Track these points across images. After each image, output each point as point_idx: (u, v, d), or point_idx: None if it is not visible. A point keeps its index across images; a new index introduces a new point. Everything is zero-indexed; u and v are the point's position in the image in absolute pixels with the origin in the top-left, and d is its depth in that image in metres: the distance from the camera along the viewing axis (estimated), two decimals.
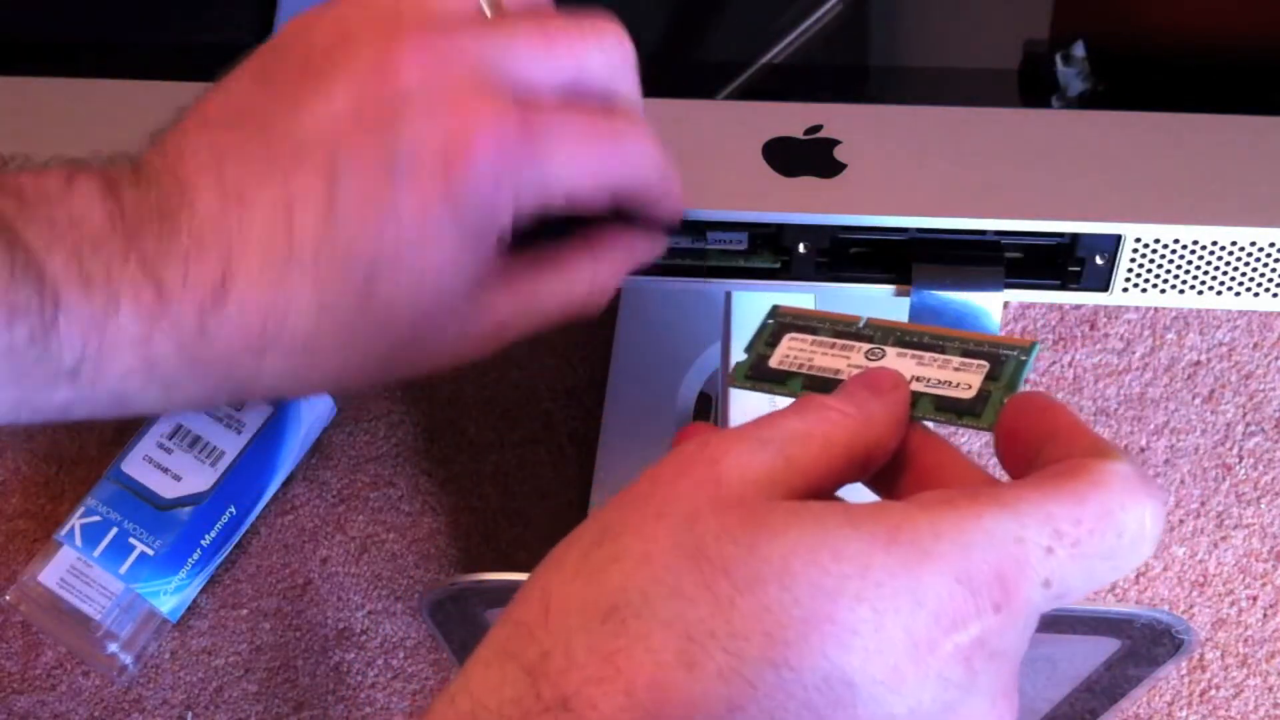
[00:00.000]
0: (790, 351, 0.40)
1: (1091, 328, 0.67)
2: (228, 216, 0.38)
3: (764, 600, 0.28)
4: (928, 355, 0.38)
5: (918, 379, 0.37)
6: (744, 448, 0.32)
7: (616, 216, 0.42)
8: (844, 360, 0.39)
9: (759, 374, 0.40)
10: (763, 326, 0.41)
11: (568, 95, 0.40)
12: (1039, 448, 0.32)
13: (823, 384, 0.38)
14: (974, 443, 0.65)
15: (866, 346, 0.39)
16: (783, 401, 0.35)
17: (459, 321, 0.40)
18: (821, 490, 0.32)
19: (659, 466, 0.32)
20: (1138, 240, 0.47)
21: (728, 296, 0.53)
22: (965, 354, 0.38)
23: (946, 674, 0.29)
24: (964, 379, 0.37)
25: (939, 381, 0.37)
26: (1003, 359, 0.37)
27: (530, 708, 0.29)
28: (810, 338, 0.40)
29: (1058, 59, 0.54)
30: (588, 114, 0.40)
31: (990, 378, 0.37)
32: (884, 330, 0.40)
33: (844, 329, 0.40)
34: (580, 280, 0.43)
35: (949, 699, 0.29)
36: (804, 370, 0.39)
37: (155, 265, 0.37)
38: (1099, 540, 0.30)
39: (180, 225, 0.37)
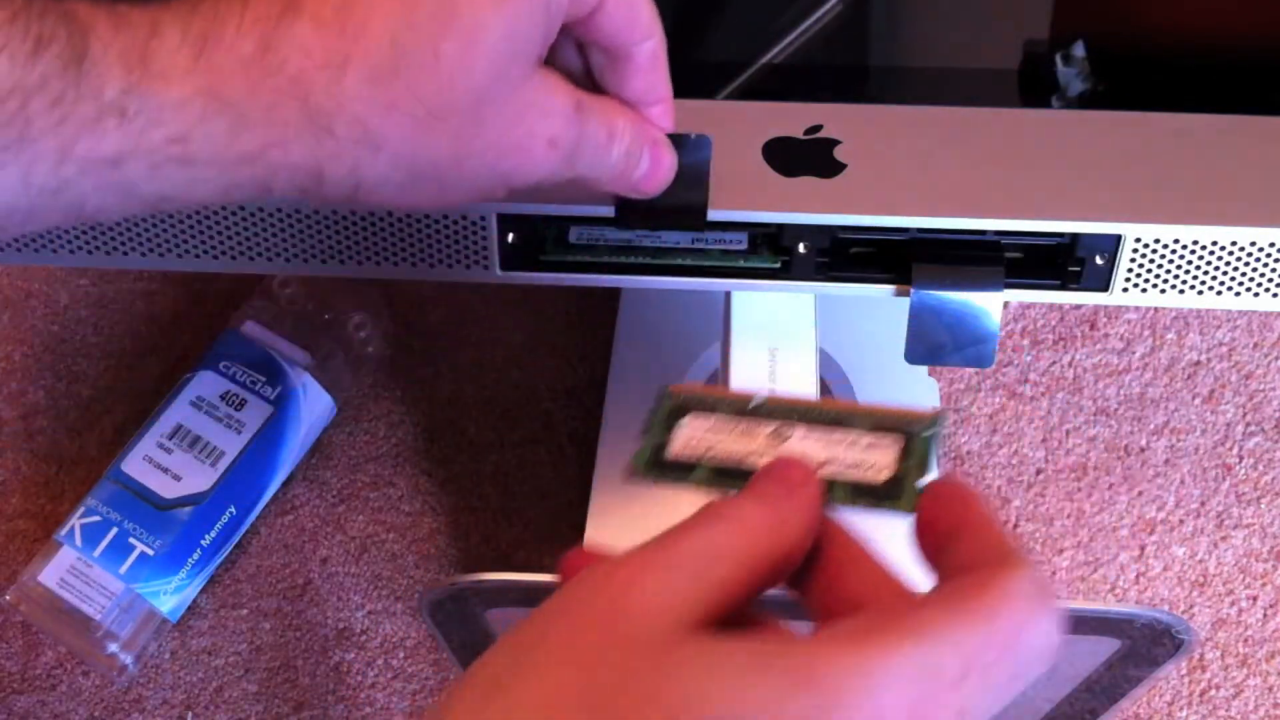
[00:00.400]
0: (691, 437, 0.38)
1: (1091, 328, 0.67)
2: None
3: None
4: (836, 433, 0.37)
5: (829, 461, 0.35)
6: (652, 576, 0.30)
7: None
8: (749, 444, 0.37)
9: (660, 466, 0.37)
10: (657, 408, 0.39)
11: None
12: (949, 540, 0.32)
13: (729, 474, 0.36)
14: (974, 442, 0.65)
15: (771, 427, 0.37)
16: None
17: (540, 78, 0.40)
18: (738, 604, 0.31)
19: (557, 600, 0.30)
20: (1138, 240, 0.47)
21: (728, 296, 0.53)
22: (875, 429, 0.36)
23: None
24: (876, 459, 0.36)
25: (852, 463, 0.36)
26: (913, 436, 0.36)
27: None
28: (710, 420, 0.38)
29: (1058, 59, 0.54)
30: None
31: (904, 456, 0.36)
32: (785, 408, 0.38)
33: (744, 408, 0.38)
34: (617, 110, 0.43)
35: None
36: (707, 459, 0.37)
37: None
38: (1008, 664, 0.29)
39: None
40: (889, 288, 0.49)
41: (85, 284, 0.71)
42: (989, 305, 0.48)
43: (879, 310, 0.42)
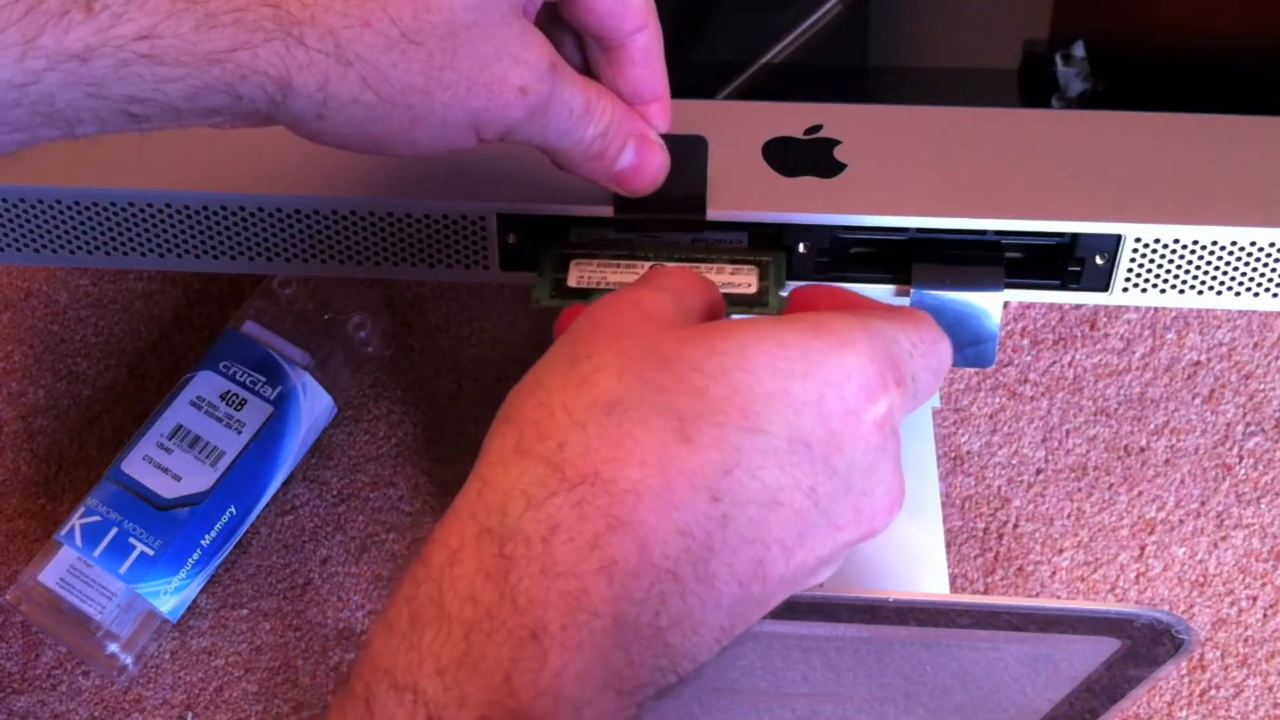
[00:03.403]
0: (583, 274, 0.48)
1: (1091, 328, 0.67)
2: None
3: (733, 385, 0.35)
4: (703, 266, 0.47)
5: None
6: (652, 295, 0.38)
7: None
8: (634, 275, 0.47)
9: (562, 292, 0.47)
10: (544, 259, 0.48)
11: None
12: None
13: None
14: (974, 442, 0.65)
15: (649, 263, 0.47)
16: None
17: (520, 25, 0.40)
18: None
19: (590, 313, 0.38)
20: (1138, 240, 0.47)
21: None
22: (733, 263, 0.48)
23: (869, 438, 0.36)
24: (741, 280, 0.47)
25: (722, 285, 0.46)
26: (765, 264, 0.47)
27: (557, 486, 0.34)
28: (595, 262, 0.48)
29: (1058, 59, 0.54)
30: None
31: (762, 278, 0.47)
32: (657, 249, 0.48)
33: (624, 254, 0.48)
34: (597, 91, 0.43)
35: (871, 460, 0.36)
36: (602, 286, 0.47)
37: None
38: (932, 355, 0.39)
39: None
40: (889, 287, 0.49)
41: (85, 284, 0.71)
42: (989, 305, 0.48)
43: None
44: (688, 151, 0.46)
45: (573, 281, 0.47)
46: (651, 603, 0.34)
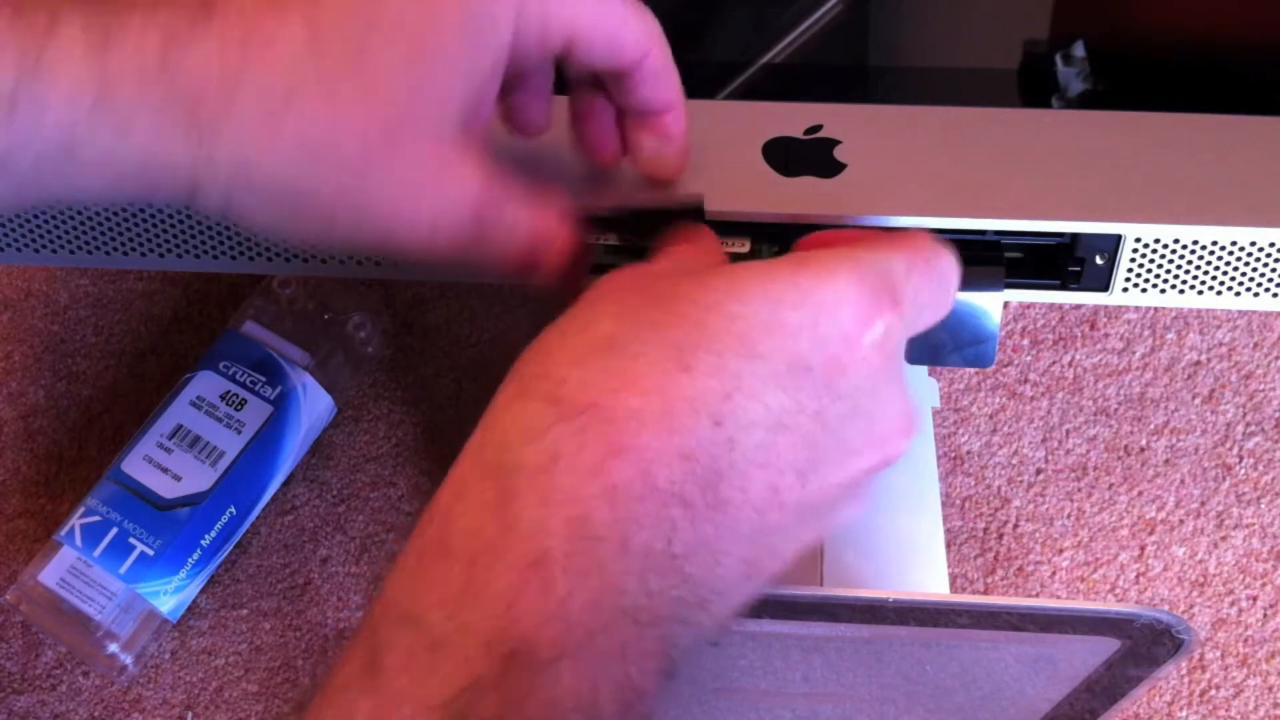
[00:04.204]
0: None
1: (1091, 328, 0.67)
2: None
3: (728, 314, 0.35)
4: None
5: None
6: (653, 261, 0.40)
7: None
8: None
9: None
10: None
11: None
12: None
13: None
14: (974, 442, 0.65)
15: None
16: None
17: (440, 157, 0.39)
18: None
19: (595, 282, 0.39)
20: (1138, 240, 0.47)
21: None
22: (724, 235, 0.48)
23: (870, 361, 0.36)
24: (734, 244, 0.48)
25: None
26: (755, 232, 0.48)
27: (556, 419, 0.34)
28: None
29: (1058, 59, 0.54)
30: None
31: (754, 244, 0.48)
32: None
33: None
34: (552, 215, 0.43)
35: (874, 383, 0.37)
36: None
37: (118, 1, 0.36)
38: (932, 269, 0.39)
39: None
40: None
41: (85, 284, 0.71)
42: (989, 305, 0.48)
43: None
44: (690, 216, 0.46)
45: None
46: (661, 528, 0.34)
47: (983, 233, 0.48)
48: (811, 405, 0.36)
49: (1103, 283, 0.49)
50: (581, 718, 0.32)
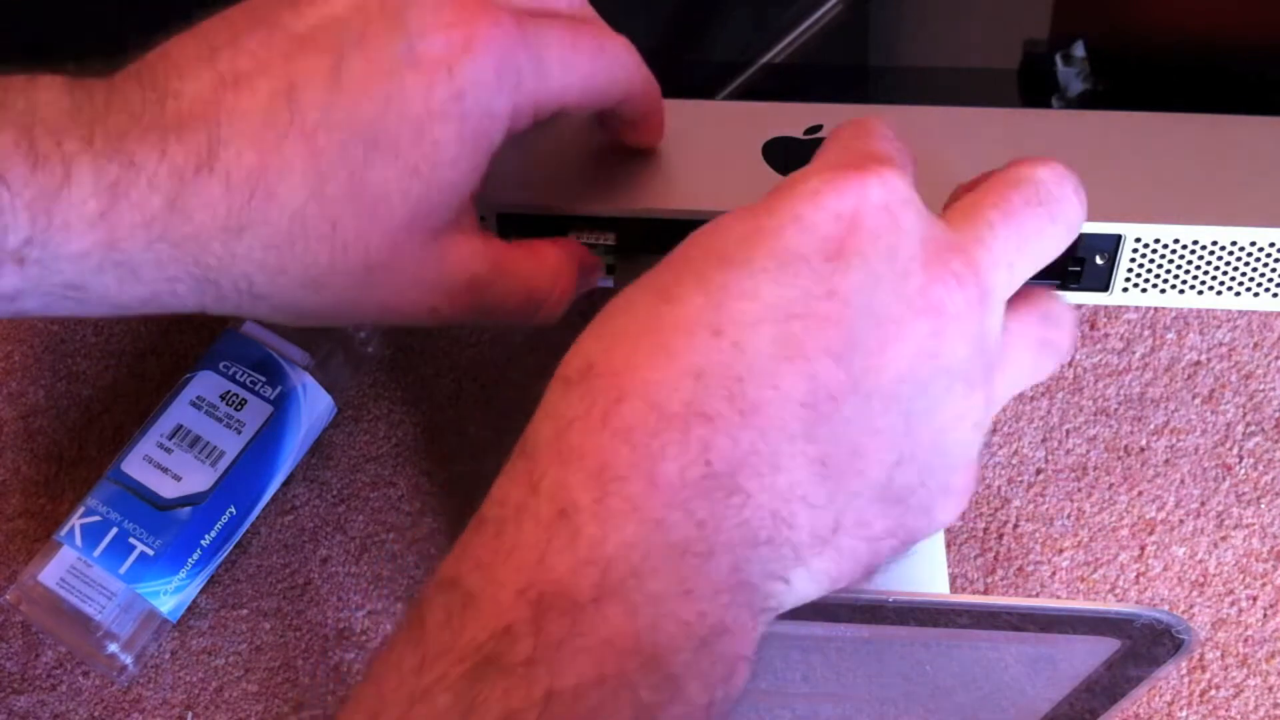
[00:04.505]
0: None
1: (1091, 328, 0.67)
2: (222, 97, 0.37)
3: (706, 244, 0.36)
4: None
5: None
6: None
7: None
8: None
9: None
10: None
11: (539, 11, 0.42)
12: None
13: None
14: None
15: None
16: None
17: (438, 251, 0.41)
18: None
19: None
20: (1138, 240, 0.47)
21: None
22: None
23: (873, 226, 0.35)
24: None
25: None
26: None
27: (564, 390, 0.35)
28: None
29: (1058, 59, 0.54)
30: (571, 22, 0.42)
31: None
32: None
33: None
34: (545, 267, 0.44)
35: (889, 244, 0.36)
36: None
37: (126, 142, 0.36)
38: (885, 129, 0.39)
39: (164, 108, 0.37)
40: None
41: None
42: None
43: None
44: None
45: None
46: (691, 452, 0.33)
47: None
48: (819, 289, 0.34)
49: (1103, 283, 0.49)
50: (639, 659, 0.31)
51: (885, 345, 0.35)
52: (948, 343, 0.36)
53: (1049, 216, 0.39)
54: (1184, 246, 0.47)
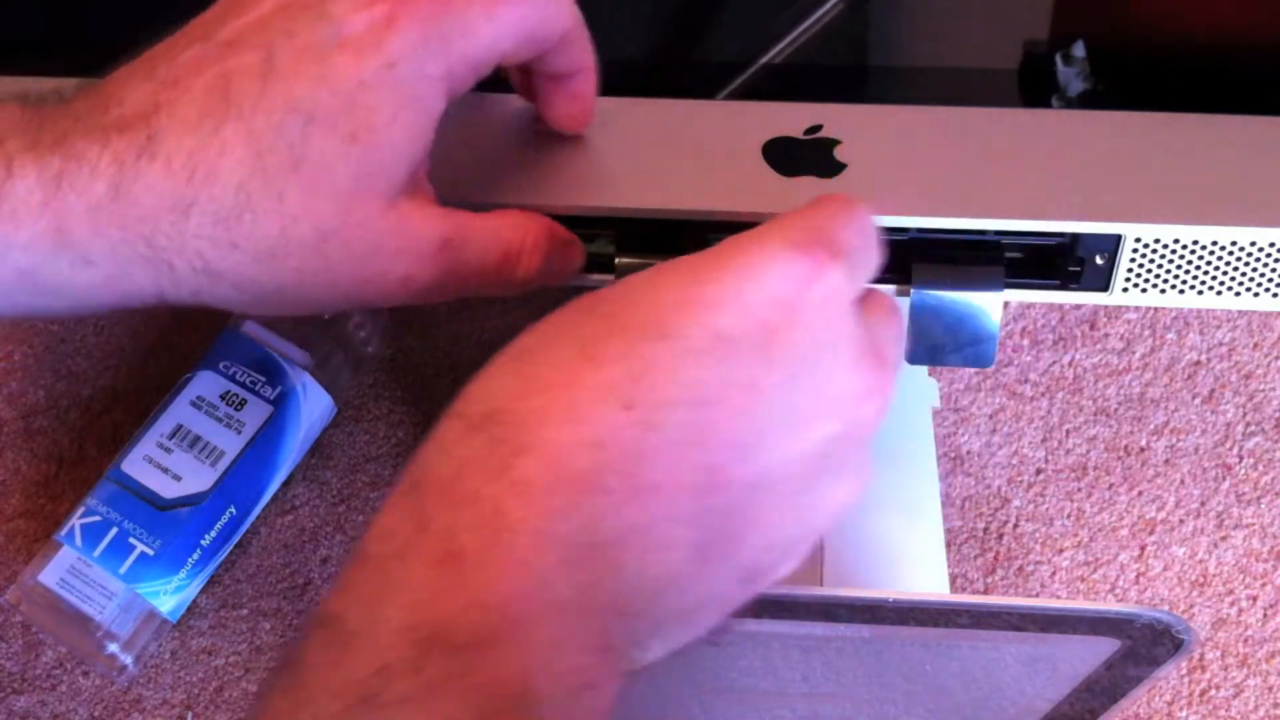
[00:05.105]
0: None
1: (1091, 328, 0.67)
2: (159, 97, 0.39)
3: (639, 302, 0.35)
4: None
5: None
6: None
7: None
8: None
9: None
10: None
11: None
12: None
13: None
14: (974, 442, 0.65)
15: None
16: None
17: (395, 218, 0.41)
18: None
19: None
20: (1138, 240, 0.47)
21: None
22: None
23: (810, 322, 0.35)
24: None
25: None
26: None
27: (464, 431, 0.35)
28: None
29: (1058, 59, 0.54)
30: None
31: None
32: None
33: None
34: (512, 222, 0.44)
35: (820, 342, 0.36)
36: None
37: (69, 138, 0.38)
38: (854, 218, 0.38)
39: (107, 113, 0.39)
40: (889, 287, 0.49)
41: None
42: (989, 305, 0.48)
43: None
44: None
45: None
46: (579, 518, 0.33)
47: (983, 232, 0.48)
48: (740, 377, 0.34)
49: (1103, 283, 0.49)
50: (513, 703, 0.32)
51: (789, 443, 0.35)
52: (850, 446, 0.37)
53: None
54: (1184, 246, 0.47)
